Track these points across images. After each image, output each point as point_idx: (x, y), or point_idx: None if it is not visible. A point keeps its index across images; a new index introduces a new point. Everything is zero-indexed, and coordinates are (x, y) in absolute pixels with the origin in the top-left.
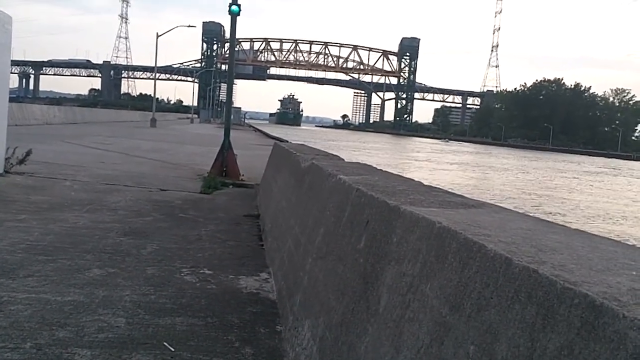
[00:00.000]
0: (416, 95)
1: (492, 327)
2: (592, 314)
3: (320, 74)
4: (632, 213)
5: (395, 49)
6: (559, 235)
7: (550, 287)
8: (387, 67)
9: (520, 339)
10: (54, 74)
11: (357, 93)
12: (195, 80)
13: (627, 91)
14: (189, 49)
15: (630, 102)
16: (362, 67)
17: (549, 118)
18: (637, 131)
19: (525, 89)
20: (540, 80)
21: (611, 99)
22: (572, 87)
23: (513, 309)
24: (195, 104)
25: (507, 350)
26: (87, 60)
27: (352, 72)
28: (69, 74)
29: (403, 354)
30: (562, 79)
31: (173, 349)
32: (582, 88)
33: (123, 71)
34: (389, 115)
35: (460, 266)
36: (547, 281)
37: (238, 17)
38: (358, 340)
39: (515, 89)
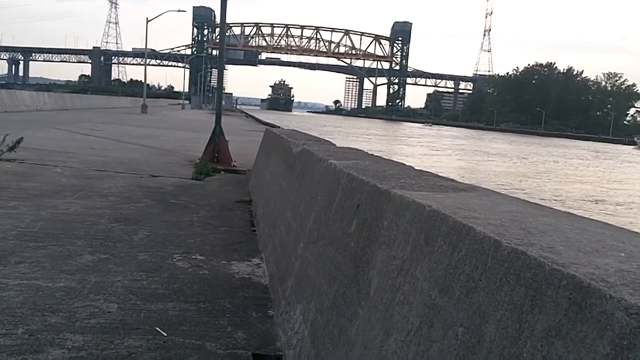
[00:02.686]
0: (408, 80)
1: (480, 309)
2: (580, 294)
3: (312, 59)
4: (612, 197)
5: (387, 34)
6: (548, 218)
7: (539, 268)
8: (379, 52)
9: (509, 321)
10: (44, 60)
11: (349, 78)
12: (186, 66)
13: (619, 75)
14: (179, 34)
15: (622, 86)
16: (354, 52)
17: (541, 102)
18: (629, 115)
19: (518, 74)
20: (533, 65)
21: (603, 83)
22: (565, 71)
23: (502, 290)
24: (187, 89)
25: (496, 331)
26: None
27: (344, 57)
28: (58, 60)
29: (393, 336)
30: (555, 63)
31: (165, 334)
32: (575, 72)
33: (113, 57)
34: (381, 101)
35: (450, 249)
36: (535, 263)
37: (228, 2)
38: (349, 323)
39: (507, 73)
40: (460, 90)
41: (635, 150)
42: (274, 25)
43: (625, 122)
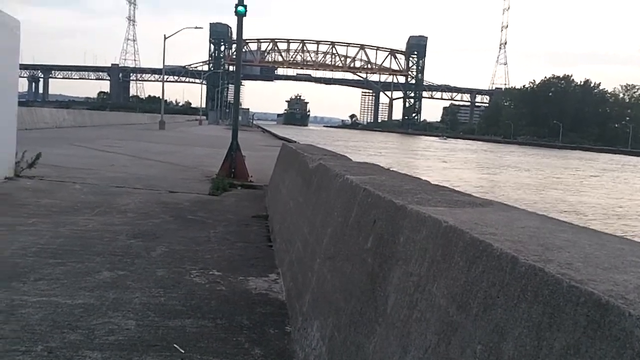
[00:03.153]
0: (424, 93)
1: (498, 326)
2: (598, 312)
3: (327, 74)
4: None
5: (403, 48)
6: (567, 234)
7: (557, 285)
8: (394, 66)
9: (527, 338)
10: (63, 77)
11: (365, 92)
12: (204, 82)
13: (637, 87)
14: (196, 51)
15: None
16: (369, 66)
17: (558, 115)
18: None
19: (534, 86)
20: (549, 77)
21: (621, 95)
22: (582, 83)
23: (519, 307)
24: (204, 105)
25: (514, 349)
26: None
27: (360, 72)
28: (77, 77)
29: (411, 353)
30: (572, 76)
31: (183, 351)
32: (592, 84)
33: (131, 74)
34: (397, 115)
35: (467, 265)
36: (553, 280)
37: (245, 18)
38: (366, 340)
39: (524, 86)
40: (476, 104)
41: None
42: (290, 40)
43: None
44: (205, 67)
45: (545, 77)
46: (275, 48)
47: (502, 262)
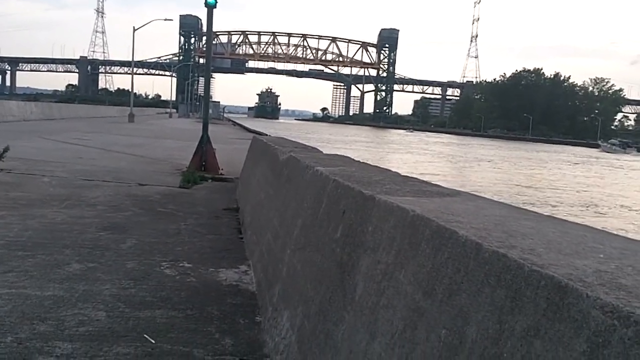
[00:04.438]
0: (395, 87)
1: (462, 311)
2: (558, 294)
3: (299, 67)
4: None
5: (374, 41)
6: (531, 222)
7: (518, 270)
8: (366, 59)
9: (490, 322)
10: (31, 70)
11: (337, 85)
12: (173, 75)
13: (606, 80)
14: (166, 43)
15: (610, 91)
16: (341, 59)
17: (528, 108)
18: (616, 120)
19: (505, 80)
20: (520, 71)
21: (591, 88)
22: (552, 77)
23: (483, 292)
24: (174, 98)
25: (477, 332)
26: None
27: (331, 65)
28: (45, 69)
29: (378, 339)
30: (542, 69)
31: (153, 341)
32: (562, 78)
33: (100, 66)
34: (369, 108)
35: (433, 252)
36: (515, 265)
37: (215, 10)
38: (335, 328)
39: (494, 79)
40: (447, 97)
41: (600, 152)
42: (261, 33)
43: (612, 127)
44: (176, 60)
45: (516, 71)
46: (246, 40)
47: (466, 249)
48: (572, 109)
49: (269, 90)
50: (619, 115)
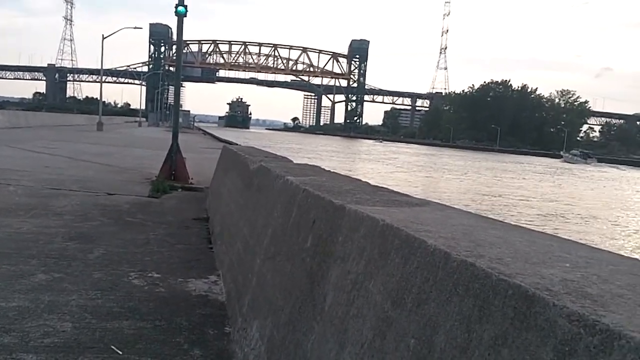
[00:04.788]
0: (366, 97)
1: (431, 320)
2: (525, 304)
3: (270, 77)
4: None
5: (345, 51)
6: (499, 231)
7: (486, 279)
8: (337, 70)
9: (458, 331)
10: None
11: (307, 96)
12: (143, 83)
13: (572, 92)
14: (136, 52)
15: (575, 103)
16: (311, 69)
17: (496, 119)
18: (582, 131)
19: (474, 91)
20: (488, 82)
21: (557, 100)
22: (519, 88)
23: (451, 301)
24: (143, 107)
25: (446, 341)
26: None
27: (302, 75)
28: (12, 77)
29: (347, 349)
30: (509, 81)
31: (120, 352)
32: (529, 89)
33: (68, 74)
34: (340, 118)
35: (402, 262)
36: (483, 274)
37: (185, 19)
38: (305, 338)
39: (463, 90)
40: (417, 108)
41: (561, 162)
42: (232, 42)
43: (578, 138)
44: (145, 68)
45: (485, 82)
46: (217, 49)
47: (435, 258)
48: (539, 121)
49: (239, 99)
50: (585, 127)
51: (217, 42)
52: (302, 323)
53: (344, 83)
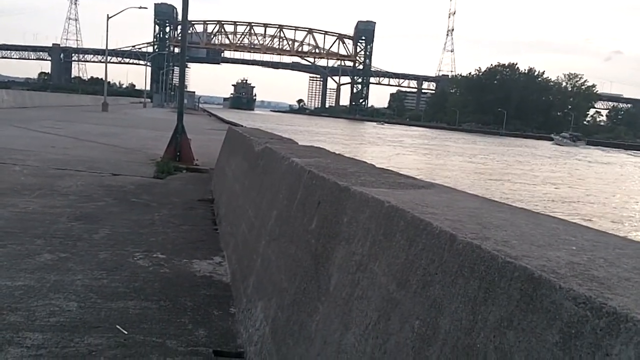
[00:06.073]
0: (372, 79)
1: (436, 302)
2: (531, 286)
3: (275, 58)
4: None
5: (351, 33)
6: (505, 214)
7: (492, 261)
8: (342, 51)
9: (463, 313)
10: (2, 57)
11: (313, 77)
12: (148, 64)
13: (579, 76)
14: (141, 32)
15: (583, 86)
16: (317, 51)
17: (503, 103)
18: (589, 115)
19: (480, 74)
20: (495, 65)
21: (564, 83)
22: (526, 71)
23: (456, 283)
24: (148, 87)
25: (450, 323)
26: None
27: (308, 56)
28: (17, 57)
29: (352, 330)
30: (517, 64)
31: (126, 332)
32: (536, 73)
33: (73, 54)
34: (345, 100)
35: (408, 244)
36: (489, 256)
37: None
38: (309, 318)
39: (470, 73)
40: (423, 90)
41: (553, 145)
42: (237, 23)
43: (585, 122)
44: (150, 49)
45: (491, 65)
46: (222, 30)
47: (441, 240)
48: (546, 104)
49: (244, 81)
50: (592, 111)
51: (223, 22)
52: (307, 304)
53: (349, 65)
